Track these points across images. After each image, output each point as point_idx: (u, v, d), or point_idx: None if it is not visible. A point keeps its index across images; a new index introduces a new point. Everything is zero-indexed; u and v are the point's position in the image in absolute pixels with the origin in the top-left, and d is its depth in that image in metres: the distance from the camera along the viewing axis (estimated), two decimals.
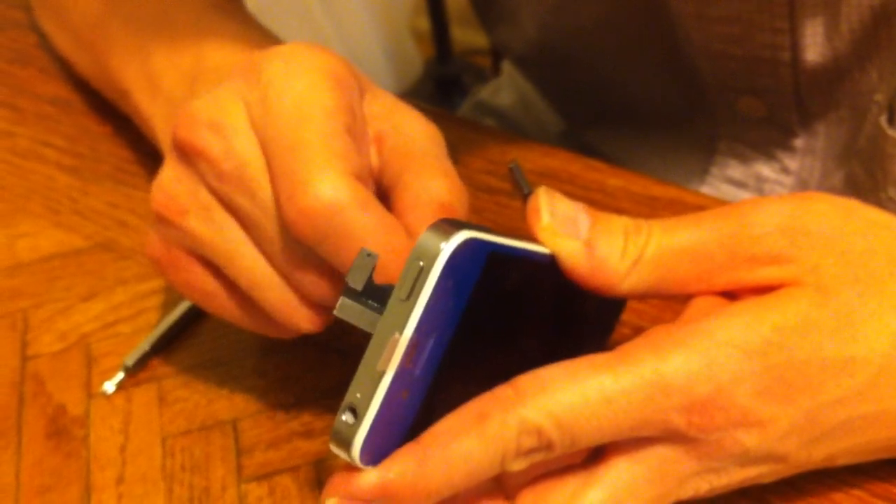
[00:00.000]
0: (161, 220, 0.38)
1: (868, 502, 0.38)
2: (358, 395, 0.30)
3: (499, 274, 0.32)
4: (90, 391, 0.45)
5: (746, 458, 0.33)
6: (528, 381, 0.31)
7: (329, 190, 0.33)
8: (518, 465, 0.32)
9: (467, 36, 1.74)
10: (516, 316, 0.35)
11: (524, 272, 0.34)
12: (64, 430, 0.44)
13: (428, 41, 1.76)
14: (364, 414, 0.30)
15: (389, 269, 0.33)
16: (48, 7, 0.61)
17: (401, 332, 0.30)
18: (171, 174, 0.38)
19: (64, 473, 0.42)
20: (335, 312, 0.32)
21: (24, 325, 0.48)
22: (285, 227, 0.35)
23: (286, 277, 0.36)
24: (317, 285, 0.36)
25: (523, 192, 0.35)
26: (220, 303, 0.39)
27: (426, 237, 0.30)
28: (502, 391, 0.32)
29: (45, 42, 0.64)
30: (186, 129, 0.37)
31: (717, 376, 0.31)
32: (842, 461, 0.36)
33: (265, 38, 0.49)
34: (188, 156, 0.37)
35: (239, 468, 0.41)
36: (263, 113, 0.36)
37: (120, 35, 0.52)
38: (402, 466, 0.31)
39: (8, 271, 0.51)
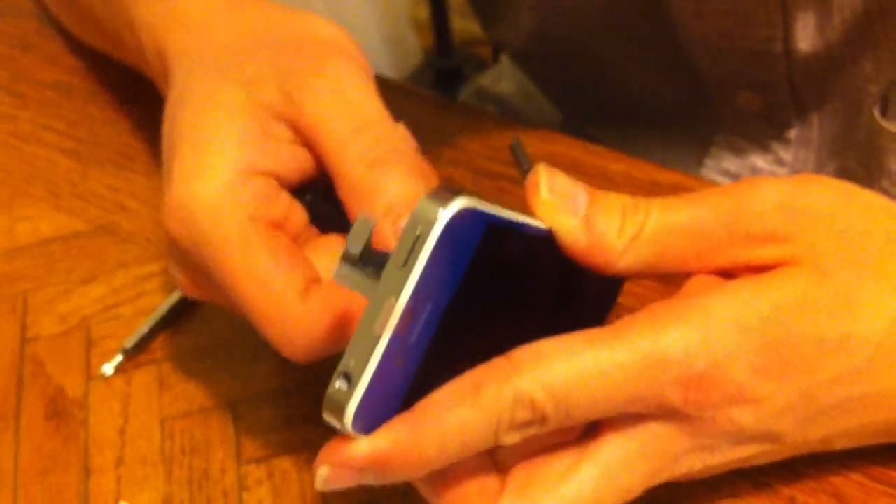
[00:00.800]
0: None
1: (867, 486, 0.38)
2: (352, 362, 0.30)
3: (496, 245, 0.32)
4: (90, 374, 0.45)
5: (741, 436, 0.33)
6: (524, 353, 0.31)
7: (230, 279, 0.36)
8: (512, 438, 0.32)
9: (467, 26, 1.73)
10: (513, 289, 0.35)
11: (522, 245, 0.34)
12: (63, 413, 0.44)
13: (428, 31, 1.76)
14: (358, 380, 0.30)
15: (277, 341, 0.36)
16: None
17: (397, 298, 0.30)
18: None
19: (63, 455, 0.42)
20: (333, 278, 0.32)
21: (24, 308, 0.48)
22: None
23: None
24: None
25: (523, 168, 0.35)
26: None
27: (424, 203, 0.30)
28: (498, 362, 0.31)
29: (46, 28, 0.64)
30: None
31: (713, 351, 0.32)
32: (839, 444, 0.36)
33: None
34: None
35: (238, 451, 0.41)
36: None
37: None
38: (395, 435, 0.31)
39: (8, 254, 0.51)
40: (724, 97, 0.58)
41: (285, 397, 0.43)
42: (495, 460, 0.34)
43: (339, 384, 0.30)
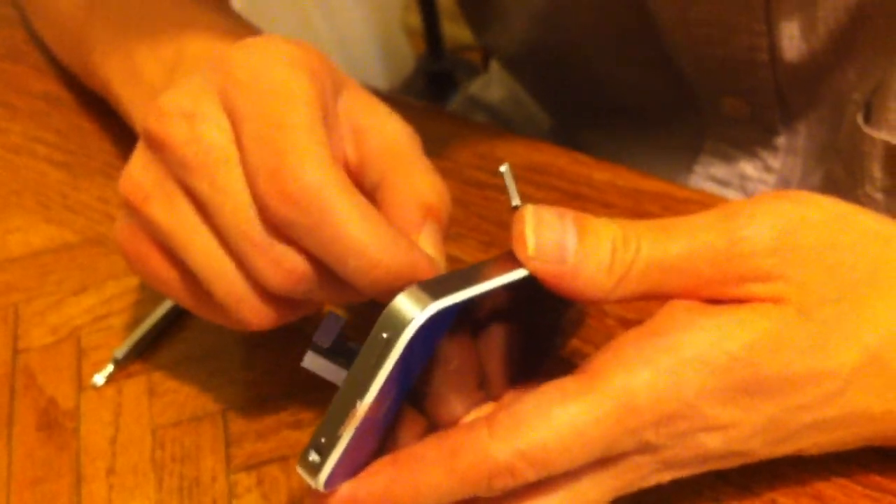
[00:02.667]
0: (127, 207, 0.38)
1: (849, 488, 0.38)
2: (322, 440, 0.32)
3: (473, 310, 0.33)
4: (81, 384, 0.45)
5: (710, 457, 0.34)
6: (502, 417, 0.32)
7: (317, 171, 0.33)
8: (491, 495, 0.33)
9: (458, 31, 1.74)
10: (489, 320, 0.36)
11: (498, 299, 0.34)
12: (55, 423, 0.44)
13: (419, 37, 1.76)
14: (327, 457, 0.32)
15: (374, 259, 0.33)
16: (36, 6, 0.61)
17: (361, 400, 0.31)
18: (139, 162, 0.38)
19: (55, 465, 0.43)
20: (302, 364, 0.34)
21: (15, 319, 0.49)
22: (260, 208, 0.34)
23: (242, 265, 0.36)
24: (274, 268, 0.35)
25: (511, 203, 0.35)
26: (177, 291, 0.39)
27: (393, 309, 0.31)
28: (478, 427, 0.32)
29: (36, 39, 0.64)
30: (155, 119, 0.37)
31: (683, 394, 0.32)
32: (812, 452, 0.36)
33: (246, 29, 0.49)
34: (155, 145, 0.37)
35: (228, 458, 0.42)
36: (241, 97, 0.35)
37: (103, 31, 0.52)
38: (372, 485, 0.33)
39: (0, 266, 0.51)
40: (710, 103, 0.59)
41: (273, 404, 0.43)
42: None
43: (312, 457, 0.32)
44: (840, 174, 0.54)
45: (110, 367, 0.45)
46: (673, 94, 0.61)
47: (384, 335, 0.31)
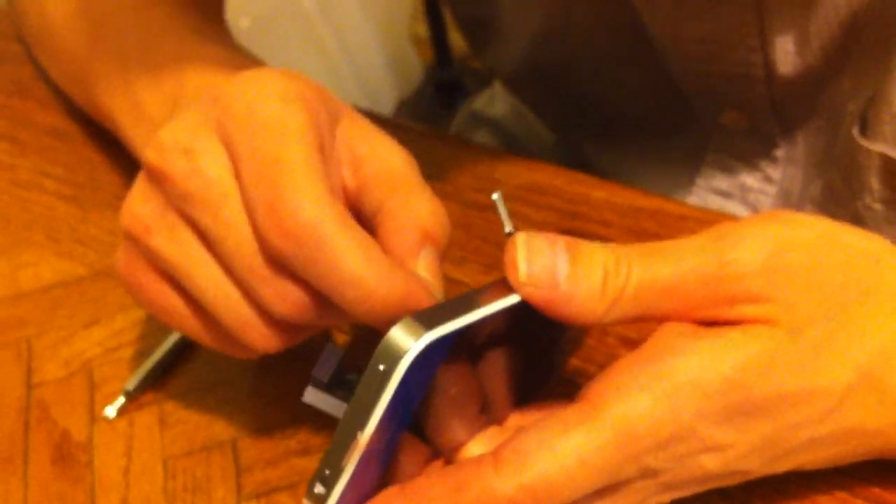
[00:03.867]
0: (128, 238, 0.39)
1: (849, 502, 0.39)
2: (327, 472, 0.33)
3: (470, 336, 0.34)
4: (93, 416, 0.46)
5: (708, 477, 0.35)
6: (507, 454, 0.33)
7: (313, 207, 0.34)
8: None
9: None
10: (488, 345, 0.37)
11: (495, 324, 0.35)
12: (69, 456, 0.45)
13: (427, 47, 1.77)
14: (332, 488, 0.33)
15: (369, 290, 0.34)
16: (39, 41, 0.62)
17: (362, 431, 0.32)
18: (139, 194, 0.39)
19: (70, 498, 0.43)
20: (303, 399, 0.35)
21: (28, 353, 0.49)
22: (260, 242, 0.35)
23: (247, 293, 0.37)
24: (279, 299, 0.36)
25: (504, 230, 0.35)
26: (182, 320, 0.40)
27: (389, 341, 0.32)
28: (483, 463, 0.33)
29: (42, 74, 0.65)
30: (155, 153, 0.37)
31: (679, 419, 0.33)
32: (810, 468, 0.37)
33: (247, 61, 0.50)
34: (156, 178, 0.38)
35: (239, 487, 0.43)
36: (237, 132, 0.36)
37: (106, 67, 0.53)
38: None
39: (11, 300, 0.52)
40: (709, 116, 0.59)
41: (281, 432, 0.44)
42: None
43: (317, 489, 0.33)
44: (838, 185, 0.55)
45: (122, 399, 0.46)
46: (672, 109, 0.61)
47: (381, 367, 0.32)
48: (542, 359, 0.41)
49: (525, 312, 0.34)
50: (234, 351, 0.40)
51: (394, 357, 0.31)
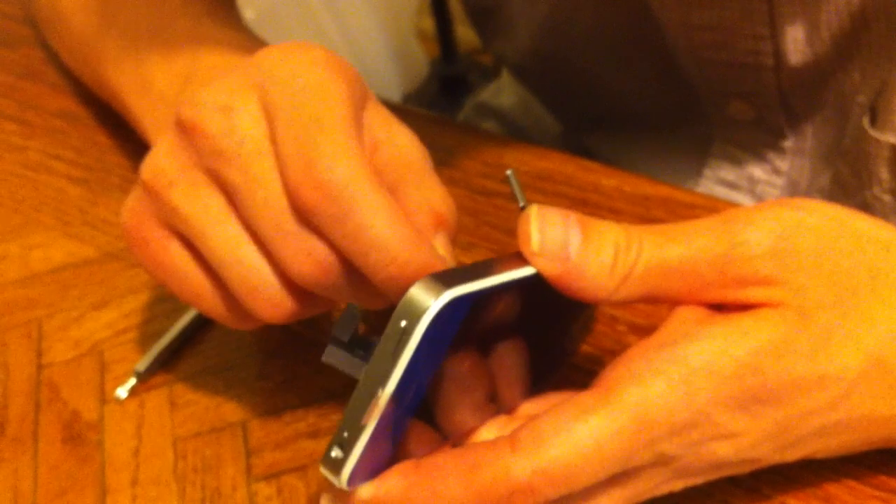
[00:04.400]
0: (146, 191, 0.39)
1: (858, 490, 0.39)
2: (345, 434, 0.32)
3: (484, 309, 0.34)
4: (104, 397, 0.46)
5: (720, 465, 0.35)
6: (524, 436, 0.33)
7: (348, 164, 0.34)
8: None
9: (472, 35, 1.74)
10: (499, 329, 0.37)
11: (509, 296, 0.35)
12: (79, 436, 0.45)
13: (433, 41, 1.77)
14: (351, 451, 0.32)
15: (393, 254, 0.34)
16: (50, 23, 0.62)
17: (383, 389, 0.32)
18: (164, 149, 0.39)
19: (79, 477, 0.44)
20: (322, 359, 0.34)
21: (38, 335, 0.50)
22: (290, 196, 0.35)
23: (265, 254, 0.37)
24: (301, 256, 0.36)
25: (518, 204, 0.36)
26: (182, 281, 0.39)
27: (411, 296, 0.32)
28: (500, 445, 0.33)
29: (53, 58, 0.65)
30: (191, 109, 0.37)
31: (694, 402, 0.33)
32: (820, 456, 0.37)
33: (260, 44, 0.50)
34: (188, 133, 0.38)
35: (248, 468, 0.43)
36: (279, 93, 0.36)
37: (116, 45, 0.53)
38: (392, 487, 0.33)
39: (22, 282, 0.52)
40: (716, 106, 0.59)
41: (291, 414, 0.44)
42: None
43: (334, 453, 0.33)
44: (847, 176, 0.55)
45: (132, 381, 0.46)
46: (679, 99, 0.61)
47: (402, 323, 0.31)
48: (550, 348, 0.41)
49: (536, 293, 0.35)
50: (234, 319, 0.40)
51: (416, 312, 0.31)
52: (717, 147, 0.62)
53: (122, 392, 0.46)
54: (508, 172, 0.36)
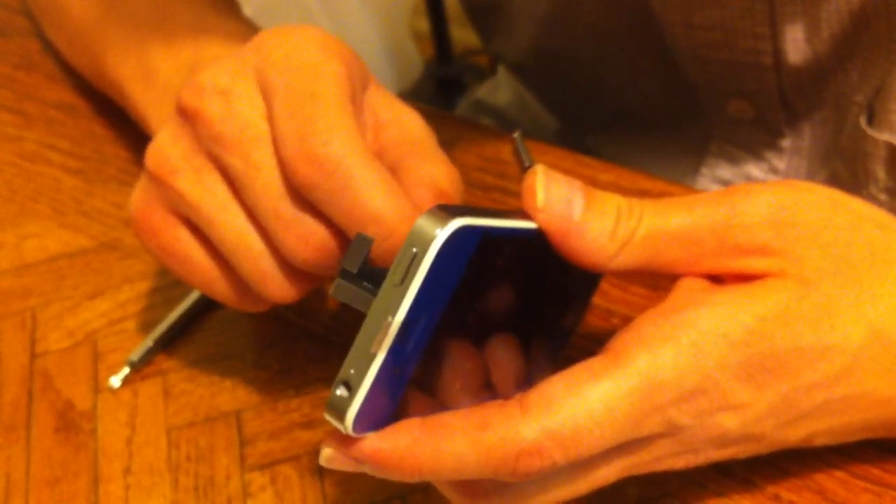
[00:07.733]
0: (152, 179, 0.39)
1: (850, 483, 0.39)
2: (352, 371, 0.31)
3: (490, 252, 0.33)
4: (97, 386, 0.46)
5: (724, 440, 0.35)
6: (534, 397, 0.32)
7: (343, 139, 0.35)
8: (516, 480, 0.33)
9: (467, 36, 1.74)
10: (505, 285, 0.36)
11: (514, 247, 0.35)
12: (72, 424, 0.45)
13: (428, 42, 1.77)
14: (357, 389, 0.31)
15: (390, 227, 0.34)
16: (47, 13, 0.62)
17: (393, 316, 0.31)
18: (167, 136, 0.39)
19: (73, 465, 0.43)
20: (331, 293, 0.33)
21: (32, 324, 0.50)
22: (287, 172, 0.35)
23: (270, 237, 0.37)
24: (301, 243, 0.36)
25: (523, 165, 0.36)
26: (193, 268, 0.40)
27: (421, 224, 0.31)
28: (509, 405, 0.32)
29: (49, 48, 0.65)
30: (190, 93, 0.38)
31: (703, 366, 0.33)
32: (819, 441, 0.37)
33: None
34: (189, 119, 0.38)
35: (242, 458, 0.43)
36: (276, 74, 0.37)
37: (117, 34, 0.53)
38: (397, 441, 0.32)
39: (17, 271, 0.52)
40: (715, 105, 0.60)
41: (285, 404, 0.44)
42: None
43: (339, 391, 0.31)
44: (844, 175, 0.55)
45: (126, 370, 0.46)
46: (678, 97, 0.61)
47: (413, 250, 0.31)
48: (546, 339, 0.41)
49: (536, 261, 0.34)
50: (245, 302, 0.40)
51: (427, 238, 0.31)
52: (715, 146, 0.63)
53: (115, 381, 0.46)
54: (515, 135, 0.36)
